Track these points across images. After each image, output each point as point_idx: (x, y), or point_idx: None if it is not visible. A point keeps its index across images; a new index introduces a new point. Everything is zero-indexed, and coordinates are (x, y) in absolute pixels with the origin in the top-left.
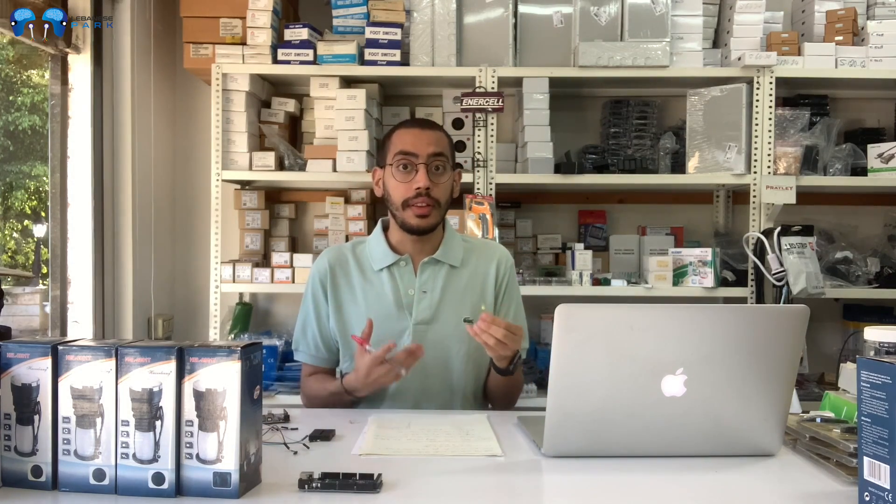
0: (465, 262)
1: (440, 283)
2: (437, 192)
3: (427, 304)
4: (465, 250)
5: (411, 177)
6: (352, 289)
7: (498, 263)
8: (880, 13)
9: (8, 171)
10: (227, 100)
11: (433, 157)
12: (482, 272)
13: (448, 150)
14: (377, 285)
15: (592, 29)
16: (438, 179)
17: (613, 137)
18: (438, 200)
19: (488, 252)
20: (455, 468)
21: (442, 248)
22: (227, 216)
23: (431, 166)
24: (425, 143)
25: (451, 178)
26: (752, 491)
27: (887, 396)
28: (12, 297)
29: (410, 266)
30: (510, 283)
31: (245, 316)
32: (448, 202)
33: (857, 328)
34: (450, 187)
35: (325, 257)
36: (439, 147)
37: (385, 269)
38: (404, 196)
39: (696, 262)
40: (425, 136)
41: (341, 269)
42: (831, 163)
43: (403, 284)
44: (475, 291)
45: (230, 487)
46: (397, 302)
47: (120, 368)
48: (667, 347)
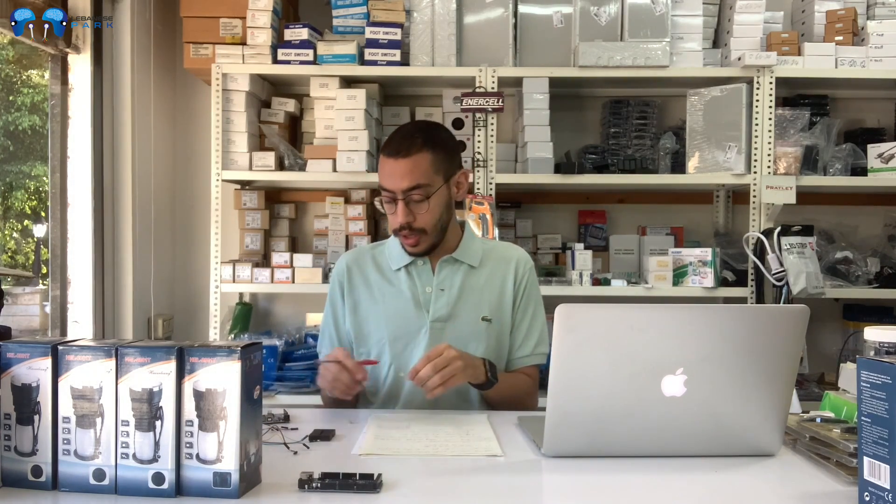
0: (484, 263)
1: (458, 282)
2: (420, 222)
3: (444, 302)
4: (483, 251)
5: (393, 210)
6: (369, 288)
7: (517, 265)
8: (880, 13)
9: (8, 171)
10: (227, 100)
11: (408, 193)
12: (501, 273)
13: (430, 169)
14: (395, 284)
15: (592, 29)
16: (418, 210)
17: (613, 137)
18: (424, 229)
19: (507, 254)
20: (455, 468)
21: (460, 248)
22: (227, 216)
23: (409, 199)
24: (398, 178)
25: (441, 197)
26: (752, 491)
27: (887, 396)
28: (12, 297)
29: (428, 265)
30: (529, 285)
31: (245, 316)
32: (442, 220)
33: (857, 328)
34: (438, 208)
35: (344, 260)
36: (414, 178)
37: (403, 269)
38: (393, 227)
39: (696, 262)
40: (399, 167)
41: (359, 270)
42: (831, 163)
43: (421, 283)
44: (493, 292)
45: (230, 487)
46: (415, 300)
47: (120, 368)
48: (667, 347)
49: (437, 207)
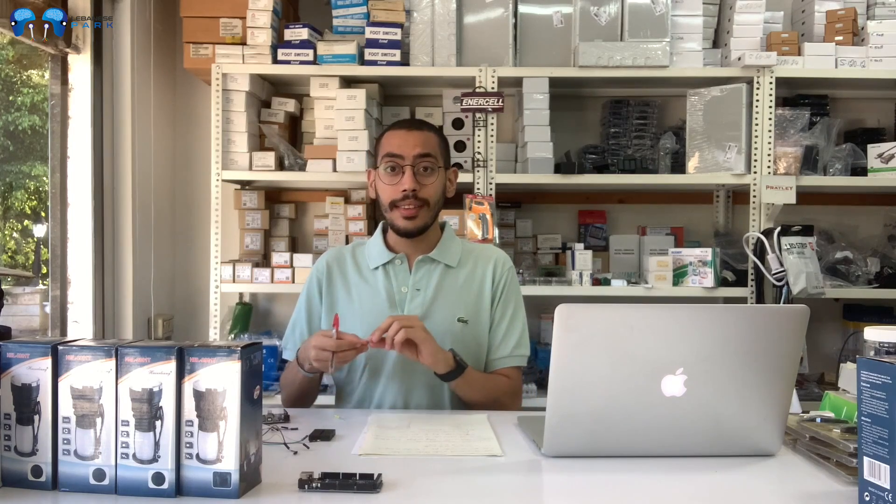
0: (463, 263)
1: (434, 282)
2: (424, 192)
3: (419, 302)
4: (463, 252)
5: (398, 179)
6: (347, 287)
7: (495, 265)
8: (880, 13)
9: (8, 171)
10: (227, 100)
11: (420, 159)
12: (479, 273)
13: (438, 149)
14: (372, 283)
15: (592, 29)
16: (426, 180)
17: (613, 137)
18: (427, 201)
19: (486, 254)
20: (455, 468)
21: (438, 248)
22: (227, 216)
23: (418, 167)
24: (411, 145)
25: (443, 178)
26: (752, 491)
27: (887, 396)
28: (12, 297)
29: (405, 265)
30: (508, 285)
31: (245, 316)
32: (439, 202)
33: (857, 328)
34: (440, 187)
35: (325, 258)
36: (426, 148)
37: (380, 268)
38: (392, 197)
39: (696, 262)
40: (412, 137)
41: (339, 269)
42: (831, 163)
43: (397, 282)
44: (471, 292)
45: (230, 487)
46: (390, 299)
47: (120, 368)
48: (667, 347)
49: (439, 185)
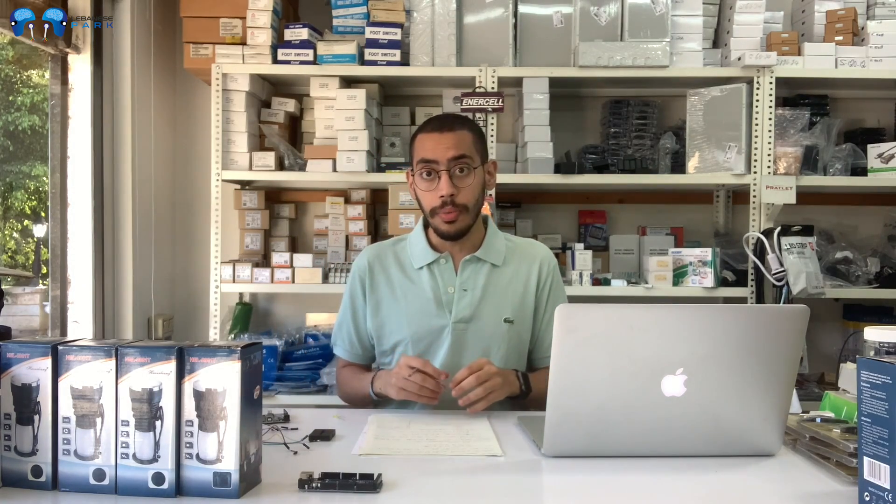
0: (507, 261)
1: (481, 282)
2: (462, 197)
3: (467, 303)
4: (507, 249)
5: (435, 184)
6: (391, 286)
7: (541, 264)
8: (880, 13)
9: (8, 171)
10: (227, 100)
11: (454, 162)
12: (524, 272)
13: (473, 147)
14: (417, 283)
15: (592, 29)
16: (462, 183)
17: (613, 137)
18: (466, 205)
19: (532, 251)
20: (455, 468)
21: (484, 246)
22: (227, 216)
23: (454, 171)
24: (444, 148)
25: (481, 176)
26: (752, 491)
27: (887, 396)
28: (12, 297)
29: (451, 264)
30: (553, 284)
31: (245, 316)
32: (479, 201)
33: (857, 328)
34: (479, 187)
35: (366, 255)
36: (461, 149)
37: (425, 267)
38: (431, 204)
39: (696, 262)
40: (444, 139)
41: (381, 267)
42: (831, 163)
43: (444, 282)
44: (517, 291)
45: (230, 487)
46: (437, 300)
47: (120, 368)
48: (667, 347)
49: (477, 186)
